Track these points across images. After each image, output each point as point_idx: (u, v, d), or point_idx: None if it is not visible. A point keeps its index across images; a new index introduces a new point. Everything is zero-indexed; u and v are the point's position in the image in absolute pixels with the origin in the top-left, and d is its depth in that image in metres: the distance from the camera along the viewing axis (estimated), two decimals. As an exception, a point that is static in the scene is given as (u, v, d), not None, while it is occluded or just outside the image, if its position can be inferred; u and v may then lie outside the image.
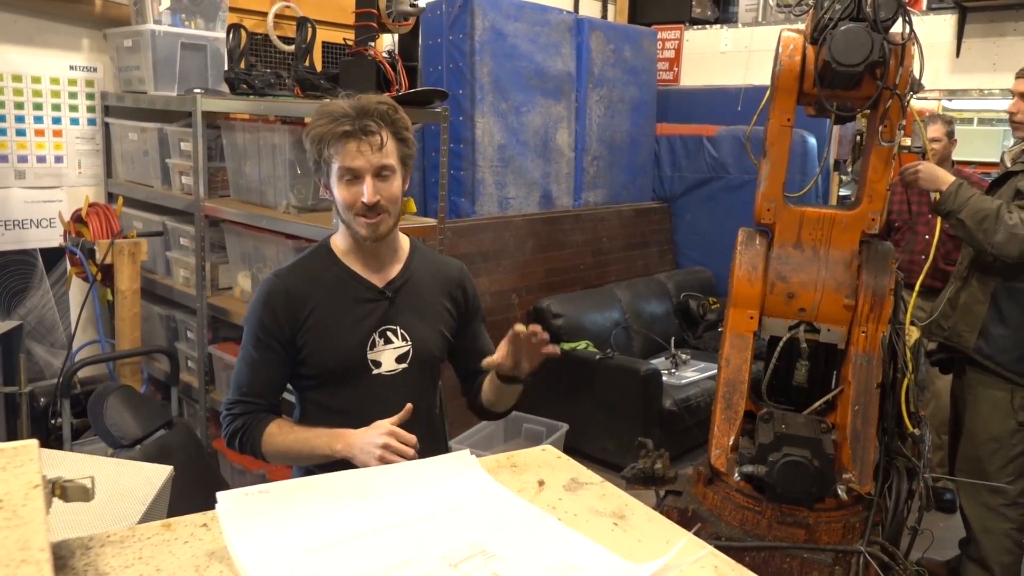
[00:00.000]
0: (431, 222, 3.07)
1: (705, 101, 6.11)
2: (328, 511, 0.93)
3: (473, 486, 1.02)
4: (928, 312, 3.20)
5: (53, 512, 0.86)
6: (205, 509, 0.97)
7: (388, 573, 0.82)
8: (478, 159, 4.67)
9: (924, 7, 5.23)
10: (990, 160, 4.69)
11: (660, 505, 2.71)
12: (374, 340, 1.74)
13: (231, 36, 3.26)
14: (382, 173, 1.64)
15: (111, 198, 3.73)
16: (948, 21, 5.11)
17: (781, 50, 2.53)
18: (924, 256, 4.01)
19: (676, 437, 4.22)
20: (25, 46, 3.46)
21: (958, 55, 5.09)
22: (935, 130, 3.97)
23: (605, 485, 1.08)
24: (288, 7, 3.71)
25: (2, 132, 3.44)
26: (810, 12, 2.53)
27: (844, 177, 5.42)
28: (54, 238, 3.61)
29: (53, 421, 3.21)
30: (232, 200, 3.30)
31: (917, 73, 2.43)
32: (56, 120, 3.61)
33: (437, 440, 1.89)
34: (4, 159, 3.46)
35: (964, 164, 4.89)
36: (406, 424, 1.78)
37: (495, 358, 1.74)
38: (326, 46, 3.88)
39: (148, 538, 0.90)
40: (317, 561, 0.85)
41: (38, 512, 0.78)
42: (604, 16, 6.41)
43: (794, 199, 2.70)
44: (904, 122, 2.47)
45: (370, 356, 1.74)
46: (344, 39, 3.77)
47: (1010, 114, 2.90)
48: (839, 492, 2.41)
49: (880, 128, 2.48)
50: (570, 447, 4.23)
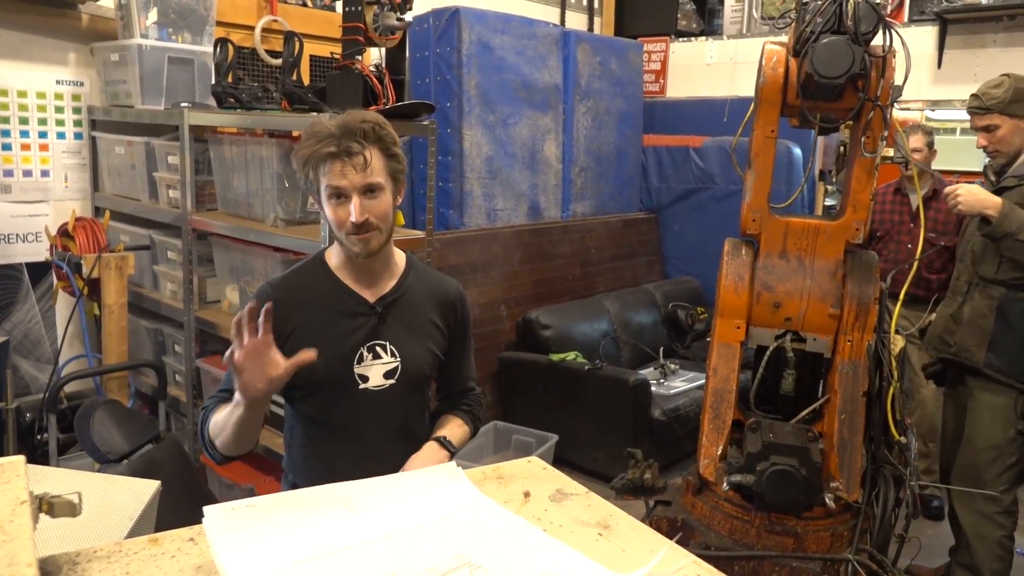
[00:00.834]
0: (419, 234, 3.07)
1: (691, 112, 6.16)
2: (315, 524, 0.93)
3: (459, 498, 1.03)
4: (911, 321, 3.23)
5: (40, 528, 0.86)
6: (193, 523, 0.97)
7: (375, 585, 0.83)
8: (466, 171, 4.69)
9: (906, 19, 5.30)
10: (972, 169, 4.74)
11: (649, 515, 2.71)
12: (362, 355, 1.74)
13: (218, 50, 3.27)
14: (369, 191, 1.65)
15: (98, 212, 3.72)
16: (929, 33, 5.18)
17: (764, 62, 2.56)
18: (908, 265, 4.04)
19: (665, 447, 4.22)
20: (11, 60, 3.45)
21: (940, 66, 5.15)
22: (916, 140, 4.02)
23: (590, 496, 1.09)
24: (275, 21, 3.72)
25: (-12, 146, 3.43)
26: (792, 25, 2.56)
27: (829, 187, 5.47)
28: (40, 252, 3.59)
29: (39, 436, 3.19)
30: (220, 213, 3.30)
31: (901, 81, 2.46)
32: (42, 134, 3.60)
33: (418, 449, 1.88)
34: (-10, 173, 3.45)
35: (947, 173, 4.94)
36: (392, 441, 1.79)
37: None
38: (313, 59, 3.89)
39: (135, 553, 0.90)
40: (304, 574, 0.85)
41: (25, 528, 0.78)
42: (590, 29, 6.46)
43: (779, 209, 2.72)
44: (887, 133, 2.50)
45: (357, 371, 1.73)
46: (331, 53, 3.77)
47: (984, 149, 2.93)
48: (827, 500, 2.42)
49: (863, 139, 2.51)
50: (560, 458, 4.24)
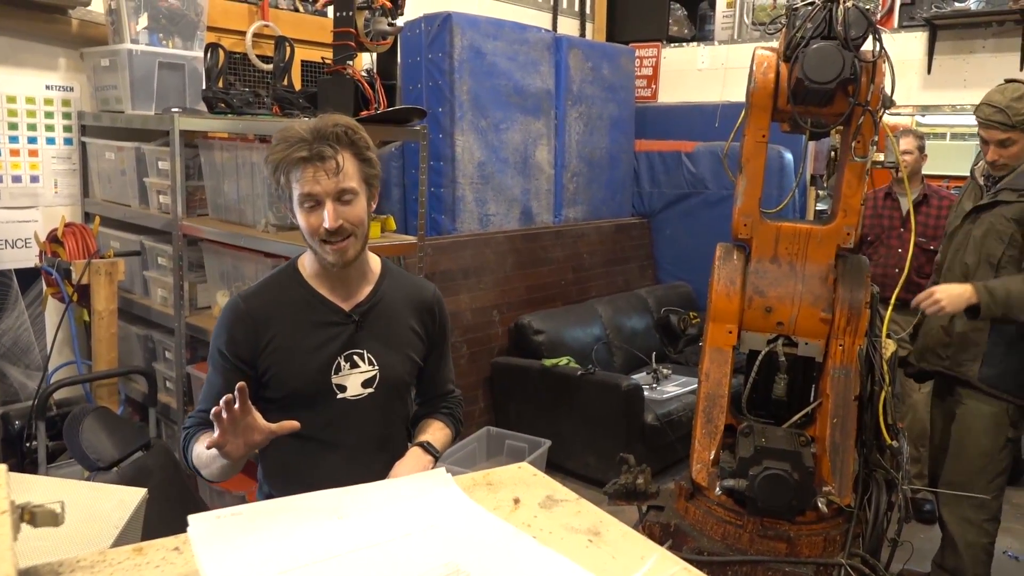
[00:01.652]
0: (411, 240, 3.07)
1: (683, 117, 6.17)
2: (302, 532, 0.92)
3: (448, 505, 1.02)
4: (902, 326, 3.23)
5: (23, 537, 0.84)
6: (183, 531, 0.96)
7: (363, 594, 0.82)
8: (458, 176, 4.69)
9: (896, 25, 5.32)
10: (962, 174, 4.76)
11: (642, 520, 2.70)
12: (339, 364, 1.71)
13: (209, 55, 3.26)
14: (343, 197, 1.60)
15: (88, 218, 3.71)
16: (919, 38, 5.21)
17: (755, 68, 2.57)
18: (898, 270, 4.06)
19: (658, 452, 4.22)
20: (1, 65, 3.43)
21: (929, 71, 5.18)
22: (906, 143, 4.04)
23: (580, 502, 1.08)
24: (267, 26, 3.72)
25: (-23, 152, 3.41)
26: (783, 31, 2.57)
27: (821, 192, 5.49)
28: (30, 259, 3.57)
29: (28, 444, 3.17)
30: (210, 219, 3.29)
31: (888, 90, 2.47)
32: (32, 140, 3.58)
33: (399, 457, 1.85)
34: (-21, 179, 3.43)
35: (937, 178, 4.97)
36: (372, 450, 1.76)
37: None
38: (304, 65, 3.89)
39: (119, 563, 0.89)
40: (291, 583, 0.84)
41: (5, 538, 0.77)
42: (582, 34, 6.47)
43: (771, 214, 2.73)
44: (877, 138, 2.51)
45: (335, 380, 1.71)
46: (323, 58, 3.77)
47: (991, 162, 2.84)
48: (819, 505, 2.42)
49: (853, 144, 2.51)
50: (552, 463, 4.23)
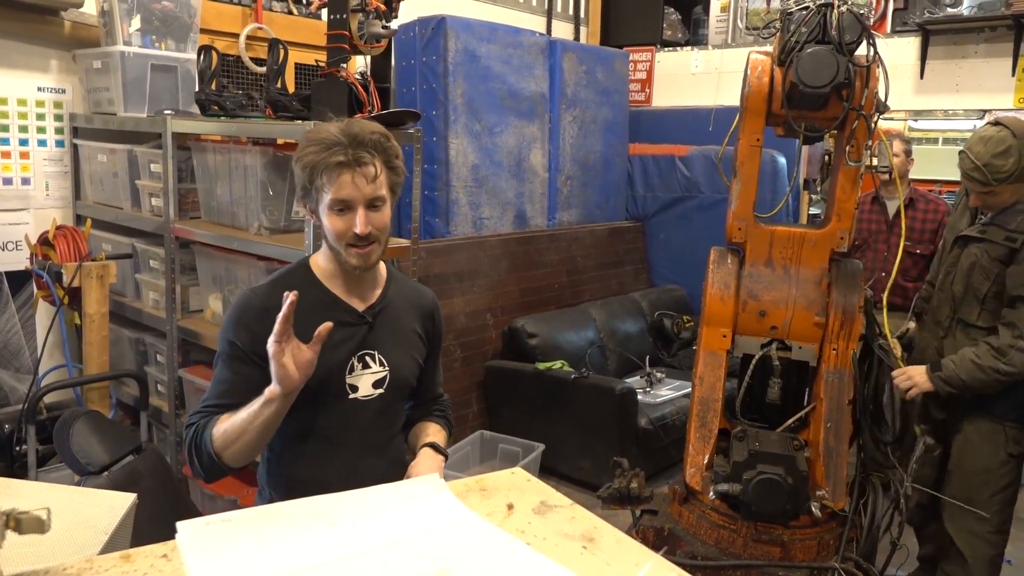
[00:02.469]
0: (405, 243, 3.06)
1: (677, 121, 6.17)
2: (293, 539, 0.91)
3: (441, 511, 1.01)
4: (890, 329, 3.21)
5: (9, 544, 0.83)
6: (174, 537, 0.95)
7: (355, 601, 0.81)
8: (452, 180, 4.68)
9: (888, 30, 5.34)
10: (953, 179, 4.78)
11: (636, 525, 2.70)
12: (352, 364, 1.72)
13: (202, 57, 3.24)
14: (374, 204, 1.63)
15: (79, 220, 3.69)
16: (912, 43, 5.22)
17: (750, 72, 2.57)
18: (884, 273, 4.07)
19: (652, 456, 4.21)
20: (-8, 67, 3.42)
21: (922, 76, 5.19)
22: (894, 147, 4.07)
23: (575, 508, 1.08)
24: (260, 28, 3.71)
25: (-33, 154, 3.39)
26: (777, 35, 2.57)
27: (814, 196, 5.50)
28: (20, 261, 3.55)
29: (18, 448, 3.14)
30: (203, 222, 3.27)
31: (883, 95, 2.47)
32: (23, 142, 3.56)
33: (400, 464, 1.84)
34: (-31, 181, 3.41)
35: (930, 183, 4.99)
36: (375, 451, 1.77)
37: None
38: (298, 67, 3.87)
39: (106, 570, 0.88)
40: (281, 590, 0.83)
41: (-9, 545, 0.76)
42: (576, 38, 6.48)
43: (765, 218, 2.73)
44: (871, 142, 2.51)
45: (348, 380, 1.72)
46: (316, 60, 3.77)
47: (977, 205, 2.81)
48: (813, 509, 2.42)
49: (847, 148, 2.52)
50: (546, 467, 4.22)
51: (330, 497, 1.02)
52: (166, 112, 3.21)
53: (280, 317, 1.46)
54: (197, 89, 3.27)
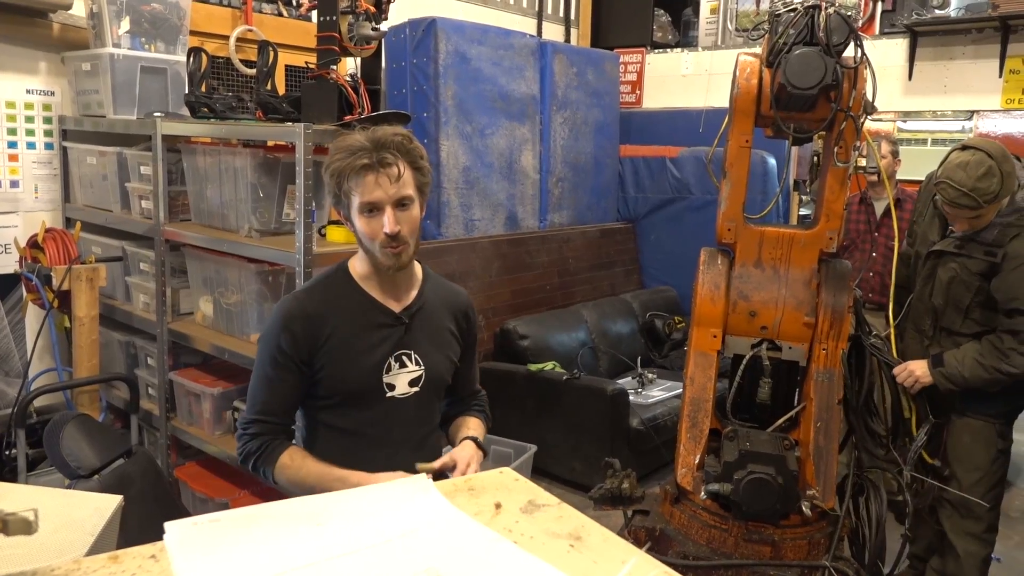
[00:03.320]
0: (395, 245, 3.05)
1: (667, 123, 6.20)
2: (280, 539, 0.91)
3: (428, 510, 1.02)
4: (878, 329, 3.23)
5: (-5, 546, 0.83)
6: (163, 538, 0.95)
7: (342, 601, 0.81)
8: (443, 181, 4.68)
9: (877, 31, 5.37)
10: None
11: (628, 525, 2.70)
12: (390, 364, 1.78)
13: (192, 59, 3.24)
14: (402, 203, 1.68)
15: (69, 223, 3.67)
16: (900, 45, 5.26)
17: (738, 73, 2.58)
18: (872, 273, 4.10)
19: (643, 456, 4.22)
20: (-20, 69, 3.41)
21: (910, 78, 5.22)
22: (881, 147, 4.11)
23: (562, 507, 1.08)
24: (250, 30, 3.70)
25: (-44, 157, 3.37)
26: (766, 37, 2.59)
27: (804, 197, 5.52)
28: (9, 264, 3.53)
29: (8, 452, 3.12)
30: (193, 224, 3.26)
31: (870, 96, 2.49)
32: (12, 144, 3.55)
33: (435, 457, 1.90)
34: (-43, 184, 3.39)
35: (919, 183, 5.00)
36: (412, 448, 1.83)
37: (424, 466, 1.72)
38: (288, 69, 3.87)
39: (94, 571, 0.88)
40: (268, 591, 0.83)
41: (-23, 547, 0.76)
42: (567, 40, 6.49)
43: (755, 219, 2.74)
44: (859, 143, 2.53)
45: (385, 380, 1.78)
46: (306, 62, 3.77)
47: (963, 230, 2.82)
48: (803, 508, 2.43)
49: (836, 149, 2.53)
50: (538, 468, 4.22)
51: (318, 497, 1.03)
52: (156, 114, 3.21)
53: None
54: (187, 91, 3.27)
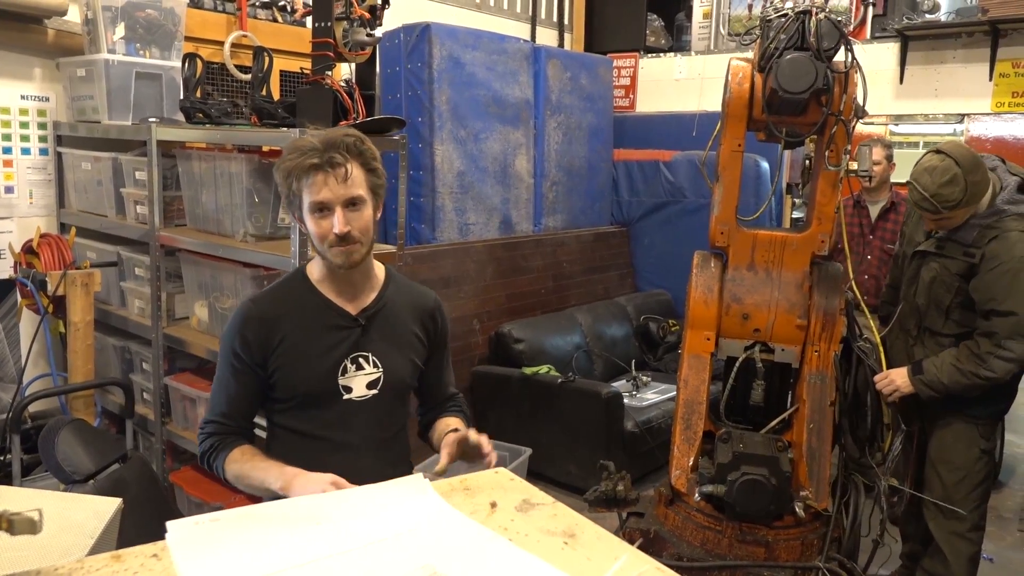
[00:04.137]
0: (391, 249, 3.07)
1: (661, 127, 6.22)
2: (280, 537, 0.92)
3: (425, 509, 1.03)
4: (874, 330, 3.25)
5: (-3, 547, 0.84)
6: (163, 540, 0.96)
7: (341, 599, 0.82)
8: (438, 186, 4.69)
9: (868, 36, 5.41)
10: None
11: (623, 527, 2.72)
12: (345, 366, 1.77)
13: (187, 65, 3.24)
14: (352, 204, 1.67)
15: (63, 228, 3.67)
16: (891, 49, 5.29)
17: (731, 78, 2.60)
18: (867, 276, 4.12)
19: (638, 459, 4.23)
20: (-25, 76, 3.41)
21: (902, 81, 5.26)
22: (876, 152, 4.13)
23: (556, 505, 1.10)
24: (245, 36, 3.71)
25: (-50, 163, 3.38)
26: (758, 41, 2.61)
27: (797, 200, 5.55)
28: (4, 270, 3.53)
29: (2, 457, 3.12)
30: (188, 229, 3.27)
31: (861, 100, 2.51)
32: (7, 150, 3.55)
33: (403, 463, 1.91)
34: (-48, 190, 3.39)
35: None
36: (375, 450, 1.81)
37: (439, 468, 1.66)
38: (283, 75, 3.88)
39: (97, 570, 0.89)
40: (268, 588, 0.84)
41: (-19, 546, 0.77)
42: (560, 45, 6.51)
43: (747, 222, 2.76)
44: (850, 147, 2.55)
45: (341, 382, 1.77)
46: (301, 68, 3.78)
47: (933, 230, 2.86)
48: (796, 509, 2.44)
49: (827, 153, 2.56)
50: (533, 471, 4.23)
51: (316, 497, 1.04)
52: (151, 120, 3.21)
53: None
54: (182, 97, 3.27)
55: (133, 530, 1.58)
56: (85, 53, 3.39)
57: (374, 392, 1.80)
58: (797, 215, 5.53)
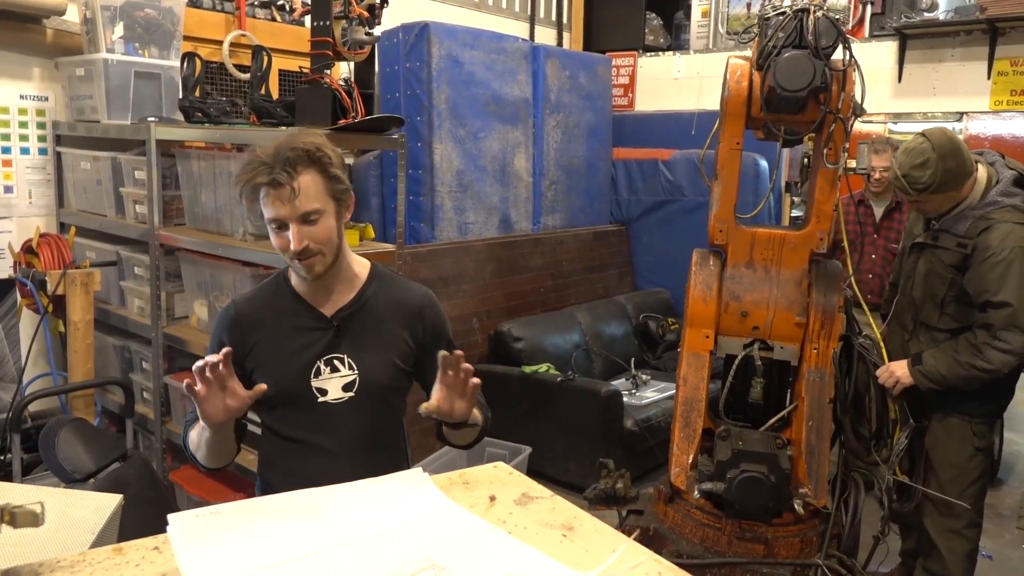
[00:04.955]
0: (390, 248, 3.07)
1: (659, 126, 6.22)
2: (280, 530, 0.93)
3: (424, 502, 1.04)
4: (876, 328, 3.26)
5: (-1, 541, 0.85)
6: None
7: (341, 591, 0.83)
8: (437, 185, 4.70)
9: (866, 34, 5.41)
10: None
11: (622, 524, 2.72)
12: (319, 368, 1.74)
13: (185, 64, 3.25)
14: (308, 218, 1.63)
15: (63, 228, 3.68)
16: (890, 48, 5.30)
17: (729, 76, 2.61)
18: (872, 275, 4.11)
19: (637, 457, 4.24)
20: (-26, 75, 3.41)
21: (900, 80, 5.27)
22: (886, 158, 4.06)
23: (555, 499, 1.10)
24: (244, 35, 3.72)
25: (-50, 162, 3.38)
26: (756, 40, 2.62)
27: (796, 198, 5.56)
28: (4, 269, 3.54)
29: (3, 456, 3.13)
30: (188, 228, 3.27)
31: (859, 98, 2.52)
32: (6, 150, 3.55)
33: (393, 467, 1.87)
34: (-48, 190, 3.40)
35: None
36: (355, 453, 1.78)
37: (432, 404, 1.61)
38: (282, 74, 3.88)
39: (99, 562, 0.89)
40: (269, 581, 0.85)
41: (-17, 539, 0.77)
42: (559, 43, 6.52)
43: (746, 220, 2.77)
44: (848, 144, 2.56)
45: (315, 384, 1.74)
46: (300, 67, 3.78)
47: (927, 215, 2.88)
48: (796, 506, 2.45)
49: (825, 151, 2.56)
50: (533, 469, 4.23)
51: (317, 491, 1.05)
52: (150, 119, 3.22)
53: (198, 365, 1.48)
54: (181, 96, 3.28)
55: (133, 528, 1.59)
56: (84, 53, 3.40)
57: (350, 395, 1.76)
58: (796, 213, 5.53)
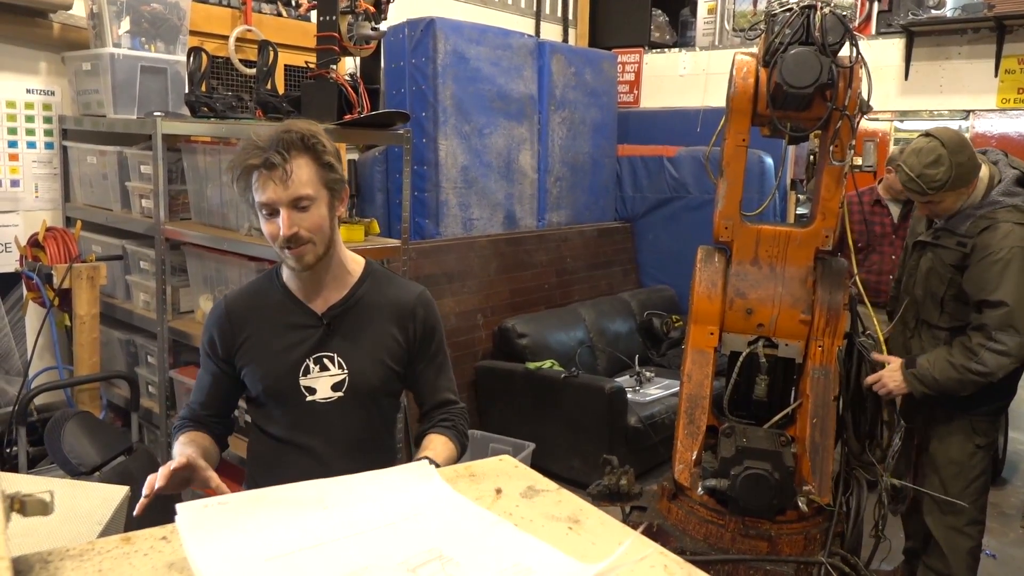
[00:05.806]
0: (395, 243, 3.08)
1: (665, 122, 6.22)
2: (287, 520, 0.94)
3: (431, 494, 1.04)
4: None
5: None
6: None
7: (348, 581, 0.83)
8: (442, 181, 4.70)
9: (873, 31, 5.40)
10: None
11: (626, 521, 2.73)
12: (308, 366, 1.71)
13: (191, 59, 3.26)
14: (299, 204, 1.59)
15: (69, 222, 3.69)
16: (896, 45, 5.29)
17: (735, 73, 2.60)
18: (892, 276, 4.09)
19: (641, 454, 4.24)
20: (-19, 69, 3.42)
21: (907, 77, 5.26)
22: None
23: (561, 492, 1.11)
24: (250, 30, 3.72)
25: (-43, 156, 3.39)
26: (762, 36, 2.61)
27: (801, 196, 5.55)
28: (10, 263, 3.55)
29: (8, 450, 3.14)
30: (193, 223, 3.28)
31: (866, 95, 2.51)
32: (12, 144, 3.56)
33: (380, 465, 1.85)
34: (-41, 183, 3.41)
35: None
36: (343, 453, 1.74)
37: None
38: (288, 69, 3.89)
39: (108, 551, 0.90)
40: (277, 570, 0.85)
41: (-5, 526, 0.78)
42: (565, 40, 6.52)
43: (751, 217, 2.76)
44: (854, 142, 2.55)
45: (303, 382, 1.71)
46: (306, 62, 3.79)
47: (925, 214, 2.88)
48: (799, 504, 2.45)
49: (831, 148, 2.55)
50: (536, 466, 4.20)
51: (324, 482, 1.05)
52: (156, 114, 3.22)
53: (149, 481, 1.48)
54: (187, 91, 3.29)
55: (138, 522, 1.60)
56: (90, 47, 3.40)
57: (339, 394, 1.72)
58: (801, 211, 5.52)
